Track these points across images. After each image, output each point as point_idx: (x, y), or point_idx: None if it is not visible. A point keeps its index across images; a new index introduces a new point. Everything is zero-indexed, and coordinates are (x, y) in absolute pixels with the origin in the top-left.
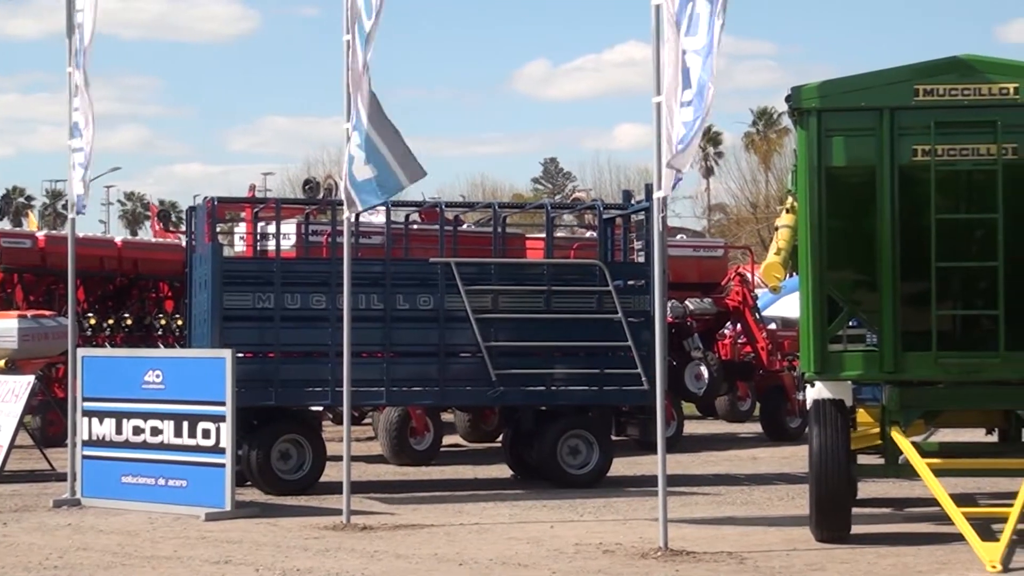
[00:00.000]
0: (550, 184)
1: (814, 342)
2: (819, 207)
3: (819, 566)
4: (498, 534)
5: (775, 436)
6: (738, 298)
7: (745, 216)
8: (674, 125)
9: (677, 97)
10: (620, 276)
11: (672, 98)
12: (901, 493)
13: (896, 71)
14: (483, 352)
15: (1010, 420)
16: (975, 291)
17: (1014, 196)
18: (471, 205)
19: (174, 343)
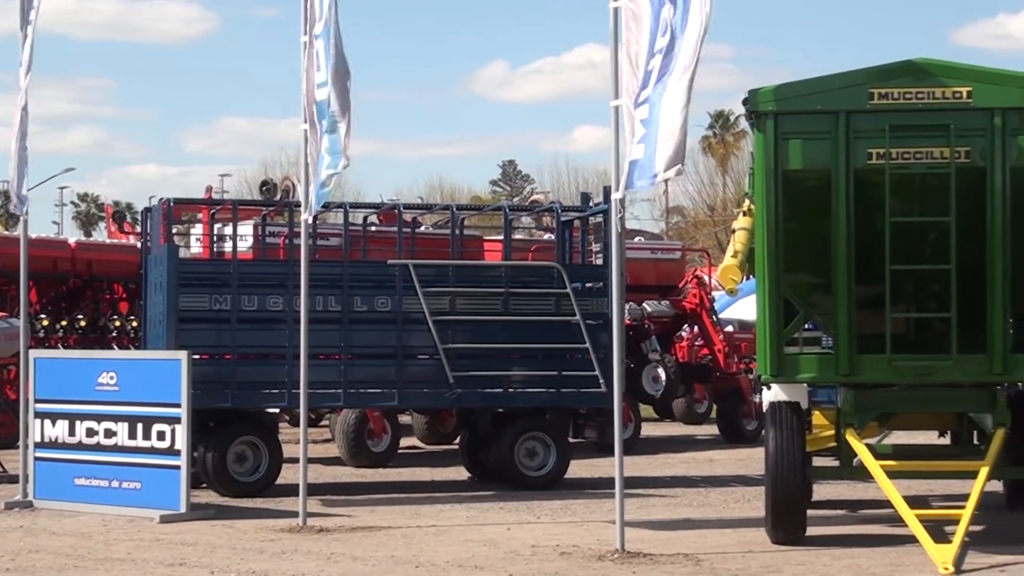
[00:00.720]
0: (508, 186)
1: (770, 345)
2: (775, 210)
3: (775, 568)
4: (455, 536)
5: (732, 438)
6: (695, 300)
7: (703, 219)
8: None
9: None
10: (578, 278)
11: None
12: (855, 495)
13: (851, 75)
14: (441, 354)
15: (962, 422)
16: (928, 294)
17: (966, 200)
18: (429, 207)
19: (129, 345)
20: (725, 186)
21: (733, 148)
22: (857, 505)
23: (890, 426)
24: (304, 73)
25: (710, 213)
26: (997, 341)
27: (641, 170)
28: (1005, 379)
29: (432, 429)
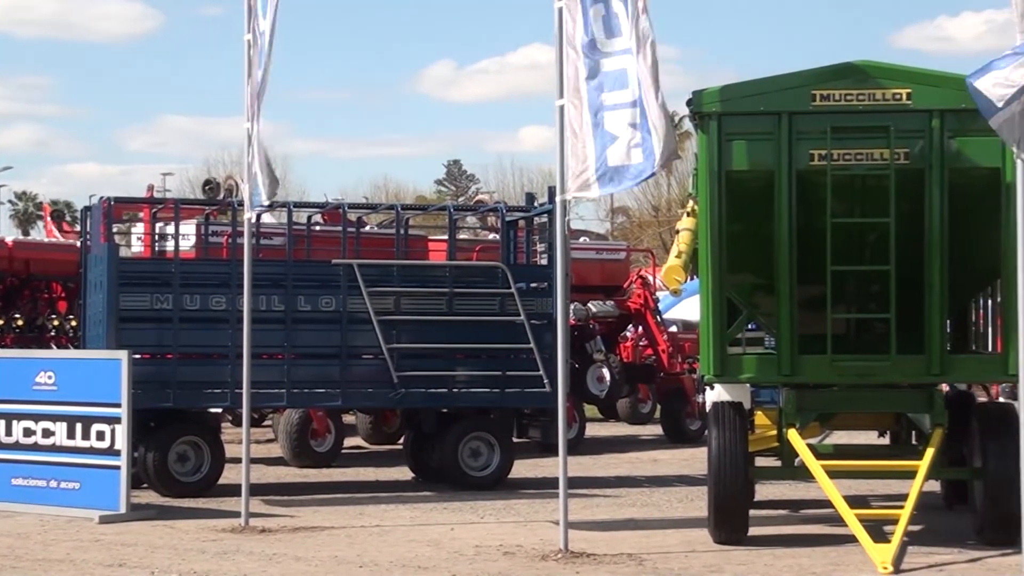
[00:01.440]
0: (454, 186)
1: (713, 345)
2: (719, 211)
3: (717, 567)
4: (399, 536)
5: (675, 438)
6: (640, 301)
7: (647, 219)
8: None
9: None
10: (523, 278)
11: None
12: (797, 495)
13: (794, 76)
14: (385, 354)
15: (901, 423)
16: (868, 295)
17: (906, 201)
18: (374, 207)
19: (67, 344)
20: (669, 187)
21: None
22: (799, 505)
23: (831, 426)
24: (247, 72)
25: (655, 214)
26: (935, 342)
27: (630, 171)
28: (942, 380)
29: (376, 429)
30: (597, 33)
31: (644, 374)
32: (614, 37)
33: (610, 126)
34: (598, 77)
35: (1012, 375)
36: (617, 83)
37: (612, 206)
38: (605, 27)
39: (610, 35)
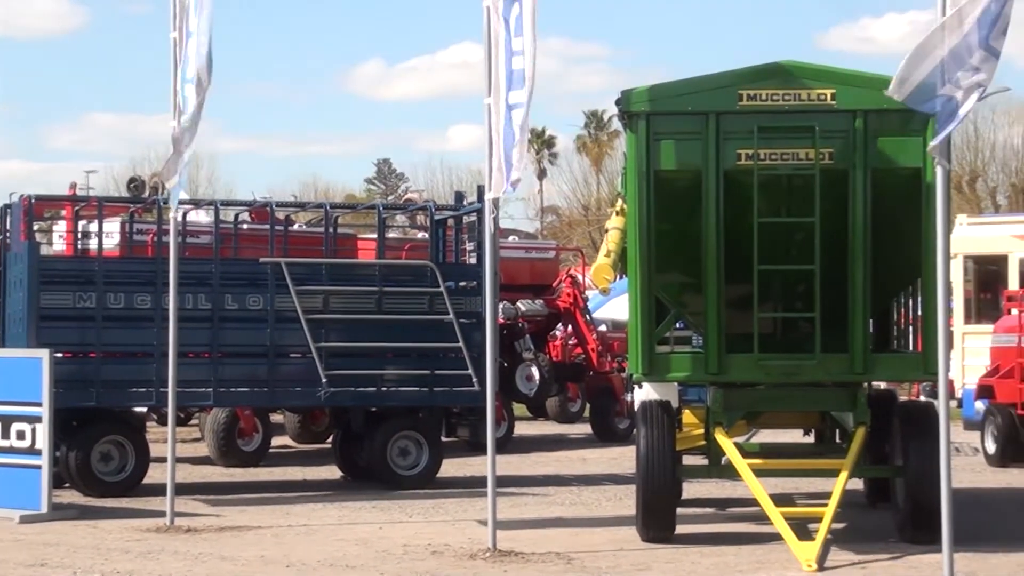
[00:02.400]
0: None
1: (642, 344)
2: (647, 210)
3: (645, 566)
4: (326, 535)
5: (604, 437)
6: (569, 300)
7: (577, 218)
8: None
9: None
10: (451, 277)
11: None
12: (724, 493)
13: (721, 76)
14: (313, 353)
15: (825, 421)
16: (794, 294)
17: (830, 200)
18: (302, 205)
19: None
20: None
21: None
22: (725, 503)
23: (757, 425)
24: (173, 70)
25: (584, 212)
26: (858, 341)
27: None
28: (865, 378)
29: (305, 428)
30: (511, 32)
31: (573, 373)
32: (519, 36)
33: (515, 125)
34: (509, 75)
35: (932, 374)
36: (518, 82)
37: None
38: (516, 26)
39: (517, 34)
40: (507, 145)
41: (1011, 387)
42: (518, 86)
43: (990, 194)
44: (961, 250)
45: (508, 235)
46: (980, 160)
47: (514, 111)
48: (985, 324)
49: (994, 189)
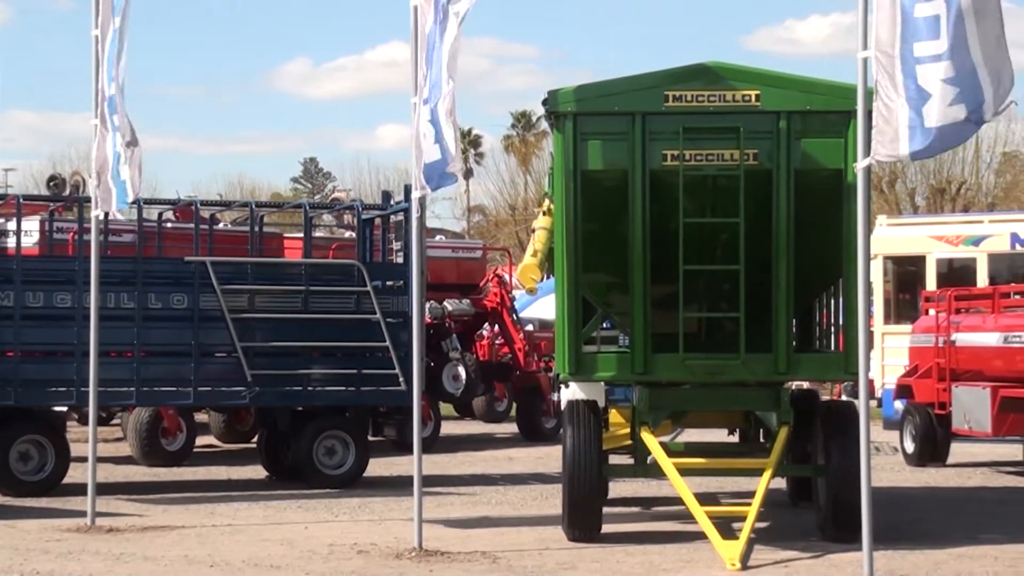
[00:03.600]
0: (310, 184)
1: (569, 344)
2: (574, 210)
3: (570, 565)
4: (251, 535)
5: (531, 436)
6: (496, 299)
7: (504, 218)
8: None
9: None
10: (378, 277)
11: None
12: (650, 492)
13: (647, 77)
14: (239, 352)
15: (750, 421)
16: (719, 294)
17: (755, 201)
18: (228, 204)
19: None
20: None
21: (534, 148)
22: (651, 502)
23: (683, 424)
24: (95, 68)
25: (511, 212)
26: (781, 341)
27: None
28: (789, 378)
29: (230, 427)
30: (439, 32)
31: (500, 372)
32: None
33: (423, 124)
34: (433, 74)
35: (853, 374)
36: (439, 82)
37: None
38: (441, 27)
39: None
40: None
41: (929, 387)
42: (439, 85)
43: (909, 195)
44: (881, 251)
45: (435, 234)
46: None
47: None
48: (904, 324)
49: (913, 190)
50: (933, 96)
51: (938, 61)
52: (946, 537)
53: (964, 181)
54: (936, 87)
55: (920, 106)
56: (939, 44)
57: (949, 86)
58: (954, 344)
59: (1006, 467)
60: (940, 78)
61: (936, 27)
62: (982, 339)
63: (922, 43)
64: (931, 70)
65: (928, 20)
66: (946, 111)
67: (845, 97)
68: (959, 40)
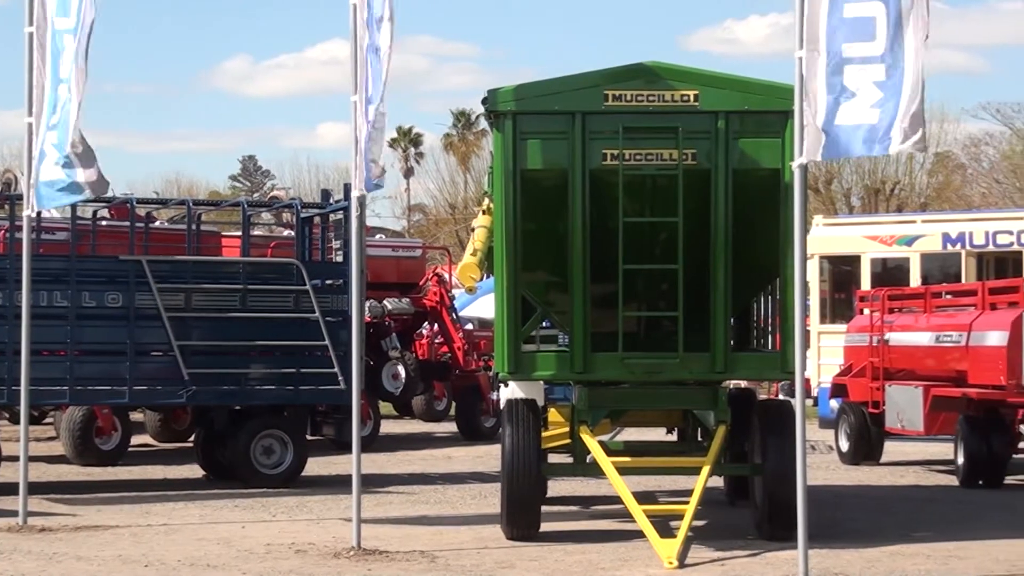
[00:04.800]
0: (248, 182)
1: (508, 343)
2: (514, 209)
3: (509, 564)
4: (187, 535)
5: (470, 435)
6: (436, 298)
7: (444, 217)
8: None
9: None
10: (318, 275)
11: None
12: (589, 491)
13: (587, 76)
14: (175, 351)
15: (688, 420)
16: (658, 293)
17: (693, 201)
18: (164, 202)
19: None
20: (466, 184)
21: (474, 147)
22: (590, 501)
23: (622, 423)
24: (28, 65)
25: (451, 211)
26: (719, 340)
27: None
28: (726, 377)
29: (166, 426)
30: (374, 31)
31: (439, 371)
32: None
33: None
34: (370, 74)
35: (789, 373)
36: (376, 82)
37: (409, 204)
38: (376, 26)
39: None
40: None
41: (863, 386)
42: (375, 85)
43: (845, 195)
44: (817, 250)
45: (375, 233)
46: (835, 161)
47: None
48: (840, 324)
49: (848, 190)
50: (856, 96)
51: (868, 63)
52: (879, 535)
53: (898, 181)
54: (862, 88)
55: (837, 107)
56: (874, 46)
57: (876, 88)
58: (887, 343)
59: (937, 466)
60: (871, 80)
61: (871, 28)
62: (914, 338)
63: (852, 44)
64: (860, 71)
65: (863, 20)
66: (868, 112)
67: (782, 97)
68: (895, 43)
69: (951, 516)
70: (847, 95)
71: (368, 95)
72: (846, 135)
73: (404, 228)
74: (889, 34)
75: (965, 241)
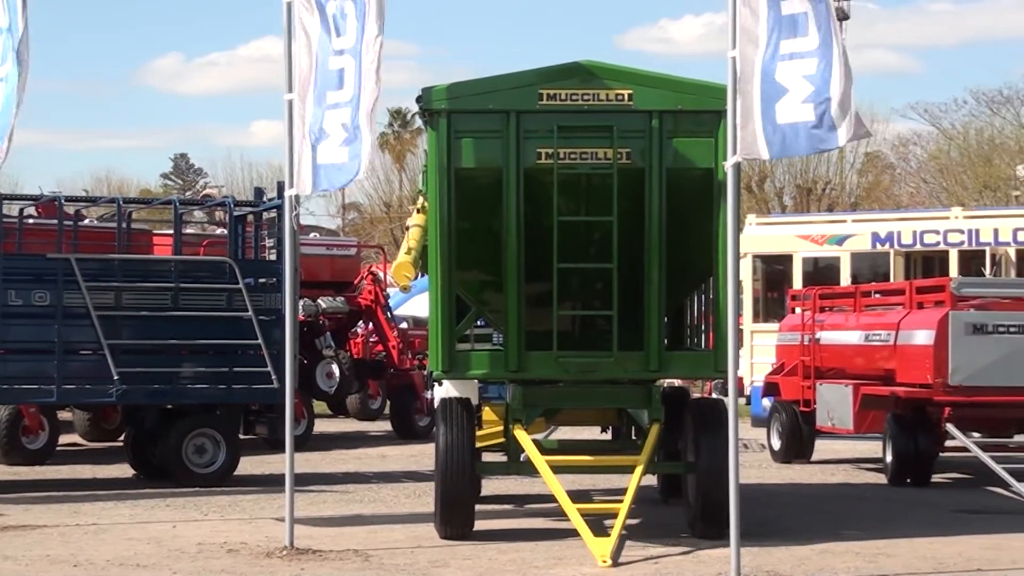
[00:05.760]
0: (180, 180)
1: (442, 341)
2: (448, 208)
3: (442, 563)
4: (117, 534)
5: (405, 434)
6: (370, 297)
7: (379, 216)
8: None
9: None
10: (251, 274)
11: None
12: (523, 490)
13: (521, 75)
14: (105, 349)
15: (622, 418)
16: (593, 292)
17: (628, 200)
18: (94, 200)
19: None
20: (401, 183)
21: (410, 145)
22: (524, 500)
23: (556, 422)
24: None
25: (386, 210)
26: (653, 339)
27: (342, 171)
28: (660, 376)
29: (95, 426)
30: (327, 29)
31: (374, 370)
32: (341, 36)
33: (328, 124)
34: (322, 73)
35: (722, 371)
36: (337, 82)
37: (343, 202)
38: (335, 24)
39: (339, 33)
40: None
41: (795, 384)
42: (337, 86)
43: (777, 195)
44: (750, 249)
45: (309, 232)
46: (768, 161)
47: (329, 110)
48: (772, 323)
49: (781, 190)
50: (788, 93)
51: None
52: (810, 533)
53: (829, 181)
54: (793, 84)
55: (774, 103)
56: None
57: (807, 83)
58: (819, 342)
59: (867, 463)
60: (801, 74)
61: (805, 24)
62: (844, 337)
63: (788, 40)
64: (792, 67)
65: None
66: (799, 108)
67: (716, 97)
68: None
69: (880, 514)
70: (782, 92)
71: (350, 97)
72: (792, 132)
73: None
74: (822, 29)
75: (894, 240)
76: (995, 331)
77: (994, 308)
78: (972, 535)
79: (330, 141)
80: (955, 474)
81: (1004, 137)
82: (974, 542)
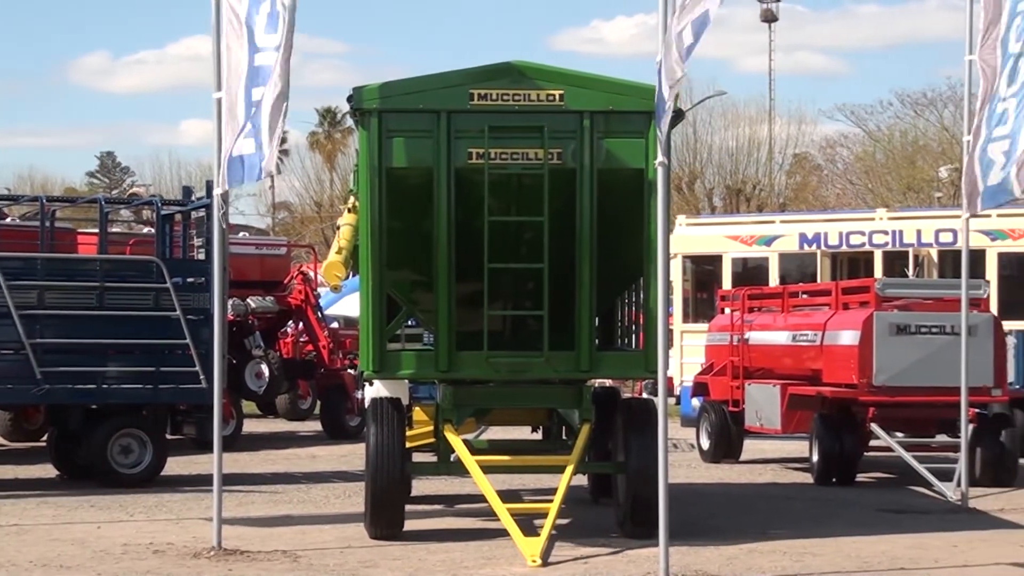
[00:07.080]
0: (107, 179)
1: (373, 341)
2: (379, 207)
3: (372, 563)
4: (40, 535)
5: (335, 434)
6: (300, 296)
7: (309, 215)
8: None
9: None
10: (179, 273)
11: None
12: (453, 490)
13: (453, 75)
14: (27, 349)
15: (553, 418)
16: (524, 292)
17: (559, 200)
18: (16, 198)
19: None
20: (332, 183)
21: (340, 145)
22: (454, 500)
23: (487, 422)
24: None
25: (317, 209)
26: (584, 339)
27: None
28: (591, 376)
29: (17, 426)
30: (258, 27)
31: (304, 370)
32: (270, 33)
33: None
34: (250, 71)
35: (652, 371)
36: (263, 79)
37: (274, 201)
38: (268, 23)
39: (269, 31)
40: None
41: (724, 384)
42: (262, 82)
43: (707, 195)
44: (680, 250)
45: (238, 231)
46: (698, 162)
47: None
48: (702, 323)
49: (711, 191)
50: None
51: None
52: (738, 532)
53: (758, 182)
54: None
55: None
56: None
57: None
58: (747, 342)
59: (794, 463)
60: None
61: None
62: (772, 338)
63: None
64: None
65: None
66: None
67: (647, 97)
68: None
69: (806, 513)
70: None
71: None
72: None
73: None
74: None
75: (820, 241)
76: (918, 332)
77: (917, 309)
78: (896, 534)
79: (247, 135)
80: (879, 474)
81: (927, 139)
82: (898, 541)
